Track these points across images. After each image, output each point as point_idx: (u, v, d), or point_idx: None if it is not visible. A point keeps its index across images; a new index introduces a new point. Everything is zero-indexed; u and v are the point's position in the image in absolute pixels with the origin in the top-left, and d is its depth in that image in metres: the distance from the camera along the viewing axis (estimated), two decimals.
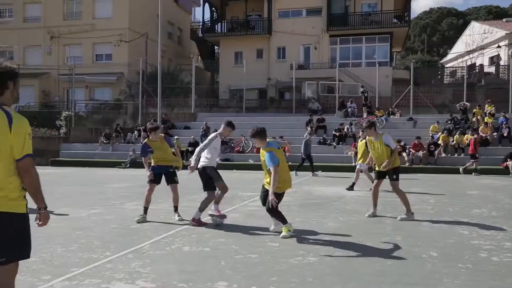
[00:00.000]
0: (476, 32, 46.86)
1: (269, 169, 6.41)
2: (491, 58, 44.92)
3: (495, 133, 21.24)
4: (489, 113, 23.53)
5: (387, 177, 8.09)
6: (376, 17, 35.41)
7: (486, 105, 24.59)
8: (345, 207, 9.51)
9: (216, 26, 39.51)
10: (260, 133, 6.67)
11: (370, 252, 5.72)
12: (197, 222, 7.34)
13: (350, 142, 22.22)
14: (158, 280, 4.59)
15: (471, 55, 44.36)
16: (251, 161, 21.64)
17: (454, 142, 20.53)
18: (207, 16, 44.59)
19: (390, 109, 27.35)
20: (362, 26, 35.22)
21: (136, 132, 25.66)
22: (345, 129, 23.16)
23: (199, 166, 7.39)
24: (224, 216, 7.47)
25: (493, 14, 67.11)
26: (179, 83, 35.72)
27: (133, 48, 35.17)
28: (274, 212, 6.57)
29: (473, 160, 18.15)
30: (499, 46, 42.41)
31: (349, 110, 26.62)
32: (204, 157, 7.40)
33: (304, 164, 17.98)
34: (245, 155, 22.53)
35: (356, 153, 15.98)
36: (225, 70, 37.61)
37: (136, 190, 12.29)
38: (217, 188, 7.41)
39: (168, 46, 39.98)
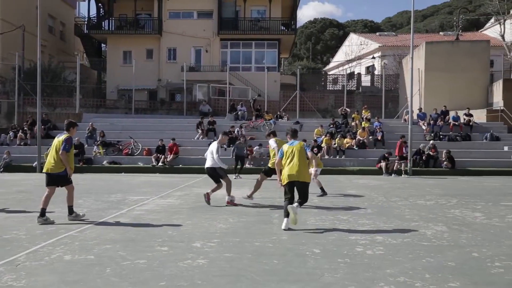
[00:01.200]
0: (354, 43, 50.80)
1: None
2: (367, 68, 49.02)
3: (370, 137, 23.17)
4: (366, 118, 25.60)
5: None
6: (265, 23, 36.62)
7: (363, 111, 26.72)
8: (235, 208, 9.67)
9: (103, 23, 37.67)
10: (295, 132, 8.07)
11: (258, 252, 5.89)
12: (232, 203, 10.11)
13: None
14: None
15: (350, 64, 48.00)
16: (140, 164, 21.03)
17: (336, 144, 21.99)
18: (93, 11, 42.37)
19: (278, 113, 28.43)
20: (251, 32, 36.17)
21: (11, 133, 23.50)
22: (236, 132, 23.56)
23: (210, 166, 10.17)
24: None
25: (369, 28, 73.38)
26: (62, 81, 33.43)
27: (7, 41, 32.12)
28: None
29: (401, 161, 19.48)
30: (373, 57, 46.46)
31: (239, 113, 27.15)
32: (210, 160, 10.20)
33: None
34: (134, 157, 21.82)
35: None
36: (113, 69, 36.06)
37: (11, 196, 11.25)
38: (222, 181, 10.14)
39: (49, 41, 37.21)
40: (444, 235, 6.98)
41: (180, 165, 20.84)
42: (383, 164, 19.80)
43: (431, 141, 21.93)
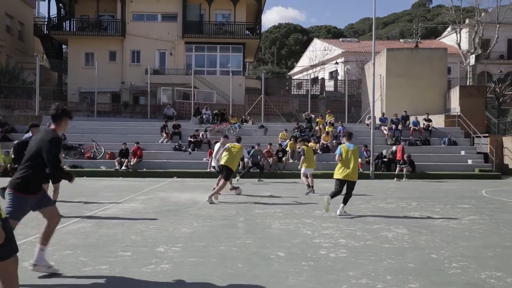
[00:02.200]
0: (318, 49, 51.58)
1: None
2: (331, 73, 49.85)
3: (334, 141, 23.53)
4: (329, 122, 26.01)
5: None
6: (230, 27, 36.67)
7: (327, 115, 27.13)
8: (200, 212, 9.62)
9: (64, 23, 36.72)
10: (349, 135, 9.72)
11: (223, 256, 5.88)
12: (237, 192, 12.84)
13: (205, 148, 22.56)
14: None
15: (314, 69, 48.68)
16: (103, 168, 20.58)
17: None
18: (54, 12, 41.24)
19: (243, 117, 28.48)
20: (216, 35, 36.14)
21: None
22: (200, 136, 23.45)
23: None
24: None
25: (332, 34, 74.63)
26: (21, 83, 32.36)
27: None
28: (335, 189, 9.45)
29: (403, 166, 19.90)
30: (337, 63, 47.31)
31: (204, 116, 27.02)
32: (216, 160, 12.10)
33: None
34: (97, 161, 21.35)
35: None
36: (75, 71, 35.18)
37: None
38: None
39: (7, 41, 35.97)
40: (404, 237, 7.17)
41: (144, 169, 20.54)
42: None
43: (394, 147, 22.49)
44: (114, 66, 35.39)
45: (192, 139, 23.06)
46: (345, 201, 9.36)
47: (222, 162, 11.76)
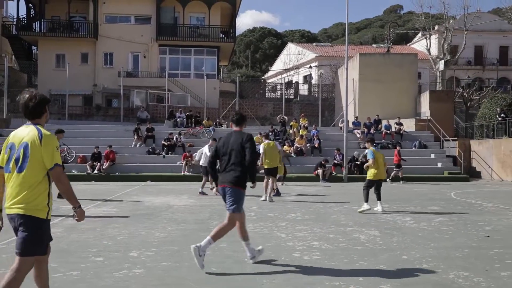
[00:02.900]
0: (292, 53, 51.97)
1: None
2: (305, 77, 50.27)
3: (308, 144, 23.75)
4: (303, 126, 26.22)
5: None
6: (204, 30, 36.59)
7: (301, 119, 27.35)
8: (173, 216, 9.55)
9: (34, 24, 35.94)
10: (372, 140, 11.21)
11: None
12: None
13: (179, 151, 22.42)
14: None
15: (288, 73, 49.01)
16: (74, 172, 20.19)
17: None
18: (23, 12, 40.28)
19: (217, 120, 28.43)
20: (191, 38, 35.99)
21: None
22: (174, 139, 23.29)
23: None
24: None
25: (306, 38, 75.33)
26: None
27: None
28: (364, 191, 10.53)
29: (397, 169, 20.29)
30: (310, 67, 47.75)
31: (178, 120, 26.85)
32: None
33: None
34: (68, 165, 20.90)
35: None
36: (45, 73, 34.43)
37: None
38: None
39: None
40: (376, 239, 7.29)
41: (117, 173, 20.27)
42: (320, 171, 20.34)
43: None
44: (86, 68, 34.82)
45: (166, 143, 22.88)
46: (380, 198, 10.65)
47: (267, 166, 12.62)
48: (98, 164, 20.35)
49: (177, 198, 13.13)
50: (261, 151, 12.72)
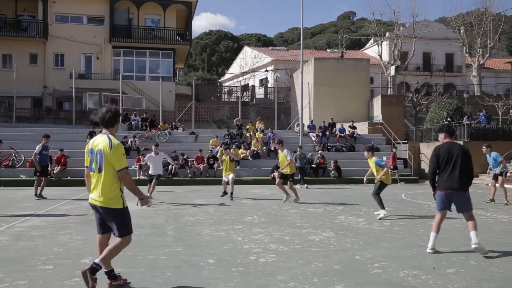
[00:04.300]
0: (248, 56, 52.21)
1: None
2: (261, 81, 50.61)
3: (264, 147, 23.91)
4: (260, 129, 26.39)
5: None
6: (160, 32, 36.15)
7: (257, 122, 27.52)
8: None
9: None
10: (374, 149, 10.99)
11: (152, 265, 5.77)
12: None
13: (134, 155, 21.99)
14: None
15: (244, 76, 49.19)
16: (22, 177, 19.39)
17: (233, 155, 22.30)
18: None
19: (173, 123, 28.12)
20: (146, 40, 35.47)
21: None
22: (129, 142, 22.83)
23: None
24: None
25: (262, 42, 75.95)
26: None
27: None
28: (377, 197, 10.11)
29: (394, 171, 20.90)
30: (266, 70, 48.16)
31: (133, 123, 26.36)
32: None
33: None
34: (16, 170, 20.10)
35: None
36: None
37: None
38: None
39: None
40: (331, 240, 7.44)
41: (69, 177, 19.64)
42: (276, 173, 20.49)
43: (320, 151, 23.24)
44: (36, 70, 33.58)
45: None
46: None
47: (288, 172, 13.05)
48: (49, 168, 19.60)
49: (132, 202, 12.86)
50: (289, 157, 13.25)
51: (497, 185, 13.23)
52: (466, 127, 23.52)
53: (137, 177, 20.48)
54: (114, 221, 4.61)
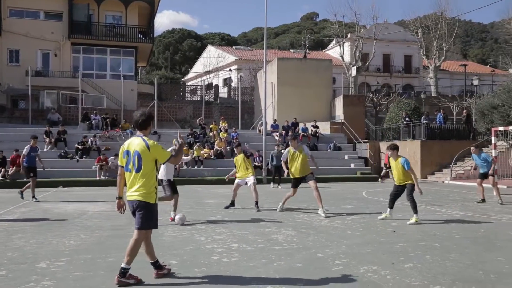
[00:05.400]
0: (212, 55, 51.99)
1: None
2: (225, 80, 50.51)
3: (228, 147, 23.86)
4: (223, 128, 26.32)
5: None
6: (121, 30, 35.46)
7: (221, 122, 27.44)
8: (87, 223, 9.14)
9: None
10: (397, 148, 9.57)
11: (112, 267, 5.64)
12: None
13: (94, 155, 21.50)
14: None
15: (208, 76, 48.96)
16: None
17: (194, 154, 22.16)
18: None
19: None
20: (106, 38, 34.70)
21: None
22: (89, 142, 22.30)
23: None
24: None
25: (226, 41, 75.78)
26: None
27: None
28: (414, 202, 9.17)
29: (388, 170, 21.35)
30: (230, 70, 48.09)
31: (93, 122, 25.73)
32: (163, 171, 9.10)
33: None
34: None
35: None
36: None
37: None
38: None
39: None
40: (293, 238, 7.51)
41: (24, 179, 18.92)
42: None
43: (283, 151, 23.36)
44: None
45: (80, 146, 21.85)
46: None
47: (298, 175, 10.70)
48: (3, 169, 18.93)
49: (92, 204, 12.58)
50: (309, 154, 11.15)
51: (485, 185, 13.01)
52: (424, 126, 24.26)
53: (97, 178, 20.07)
54: (142, 212, 4.91)
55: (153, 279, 5.14)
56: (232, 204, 11.50)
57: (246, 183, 11.28)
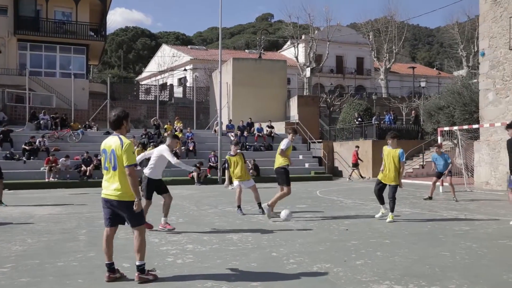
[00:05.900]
0: (166, 55, 51.33)
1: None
2: (180, 80, 49.98)
3: (183, 147, 23.61)
4: (178, 128, 26.03)
5: None
6: (71, 27, 34.35)
7: (176, 122, 27.13)
8: (35, 227, 8.79)
9: None
10: (397, 137, 9.82)
11: (62, 272, 5.47)
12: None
13: (42, 156, 20.72)
14: None
15: (162, 75, 48.29)
16: None
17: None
18: None
19: (87, 122, 26.87)
20: (56, 34, 33.51)
21: None
22: (37, 143, 21.46)
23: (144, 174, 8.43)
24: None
25: (181, 40, 75.02)
26: None
27: None
28: (394, 202, 9.10)
29: (354, 168, 22.46)
30: (185, 69, 47.64)
31: (41, 122, 24.76)
32: (149, 168, 8.58)
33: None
34: None
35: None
36: None
37: None
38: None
39: None
40: (248, 238, 7.54)
41: None
42: (194, 173, 20.37)
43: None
44: None
45: (27, 147, 20.99)
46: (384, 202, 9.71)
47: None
48: None
49: (40, 207, 12.11)
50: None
51: (446, 184, 14.10)
52: (375, 126, 24.98)
53: (46, 180, 19.37)
54: (128, 212, 4.96)
55: (105, 282, 5.01)
56: (239, 208, 10.65)
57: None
